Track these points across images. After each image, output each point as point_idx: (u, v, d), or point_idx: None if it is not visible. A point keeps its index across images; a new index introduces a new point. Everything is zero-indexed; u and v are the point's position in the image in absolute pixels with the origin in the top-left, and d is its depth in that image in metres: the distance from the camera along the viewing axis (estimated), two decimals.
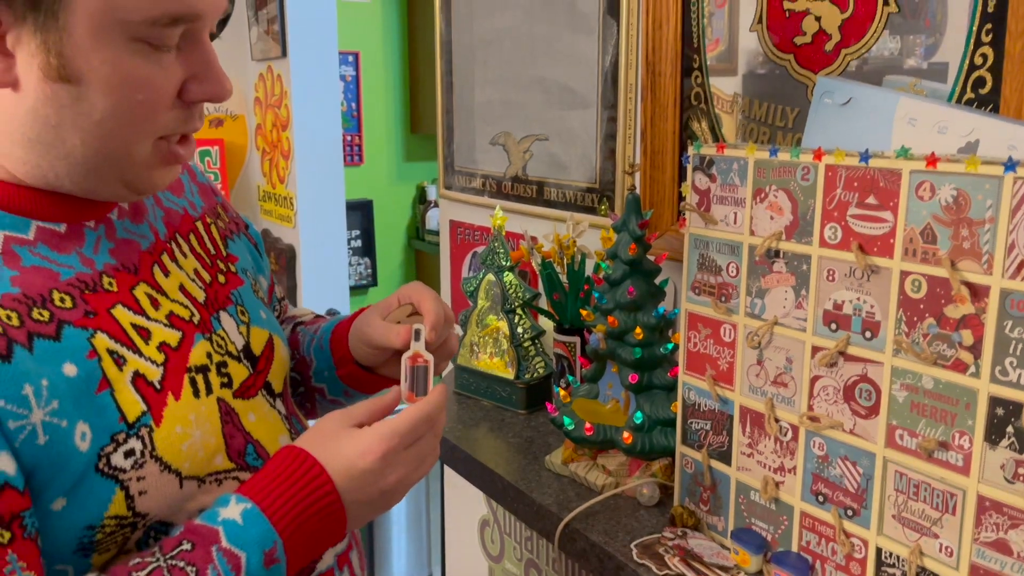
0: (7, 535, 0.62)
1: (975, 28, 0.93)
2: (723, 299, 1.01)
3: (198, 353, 0.79)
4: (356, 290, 4.11)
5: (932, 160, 0.79)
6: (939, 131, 0.88)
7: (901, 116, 0.91)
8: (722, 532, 1.05)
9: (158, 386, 0.74)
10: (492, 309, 1.52)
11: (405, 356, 0.86)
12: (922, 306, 0.81)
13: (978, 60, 0.94)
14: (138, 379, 0.73)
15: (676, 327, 1.26)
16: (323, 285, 2.98)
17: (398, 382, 0.93)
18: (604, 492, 1.18)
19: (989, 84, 0.93)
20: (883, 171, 0.83)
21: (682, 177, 1.31)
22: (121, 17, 0.65)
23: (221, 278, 0.89)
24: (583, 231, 1.47)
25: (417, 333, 0.86)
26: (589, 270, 1.48)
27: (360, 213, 4.09)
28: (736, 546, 0.98)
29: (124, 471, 0.70)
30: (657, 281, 1.20)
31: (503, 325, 1.51)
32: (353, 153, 4.10)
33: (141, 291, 0.78)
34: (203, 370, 0.79)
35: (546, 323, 1.57)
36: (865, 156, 0.84)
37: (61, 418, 0.67)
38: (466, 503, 1.97)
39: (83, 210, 0.76)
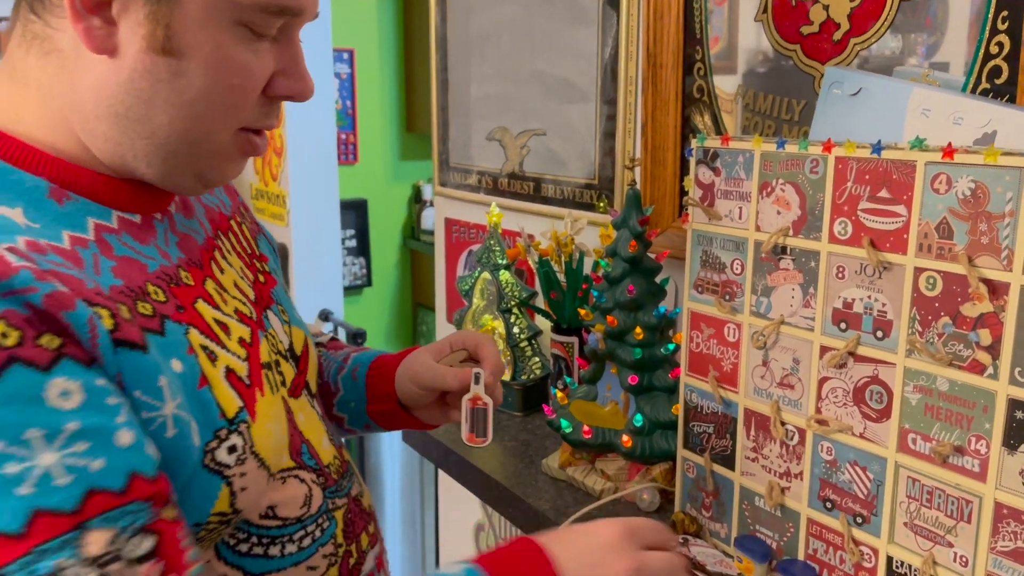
0: (174, 512, 0.62)
1: (991, 15, 0.90)
2: (727, 297, 0.98)
3: (264, 350, 0.78)
4: (350, 290, 4.06)
5: (949, 151, 0.75)
6: (954, 122, 0.84)
7: (914, 107, 0.88)
8: (725, 539, 1.02)
9: (247, 381, 0.73)
10: (488, 308, 1.48)
11: (465, 398, 0.90)
12: (937, 304, 0.78)
13: (993, 49, 0.90)
14: (230, 374, 0.72)
15: (677, 327, 1.22)
16: (316, 285, 2.94)
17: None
18: (603, 497, 1.14)
19: (1005, 73, 0.89)
20: (896, 163, 0.79)
21: (684, 172, 1.28)
22: None
23: (261, 277, 0.88)
24: (581, 228, 1.43)
25: (477, 376, 0.90)
26: (587, 268, 1.44)
27: (355, 212, 4.04)
28: (740, 554, 0.95)
29: (229, 467, 0.69)
30: (658, 279, 1.16)
31: (499, 325, 1.47)
32: (348, 152, 4.07)
33: (211, 286, 0.76)
34: (269, 367, 0.78)
35: (543, 323, 1.53)
36: (877, 148, 0.81)
37: (184, 412, 0.66)
38: (461, 508, 1.93)
39: (151, 201, 0.74)
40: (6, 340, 0.55)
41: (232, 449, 0.69)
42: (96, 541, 0.56)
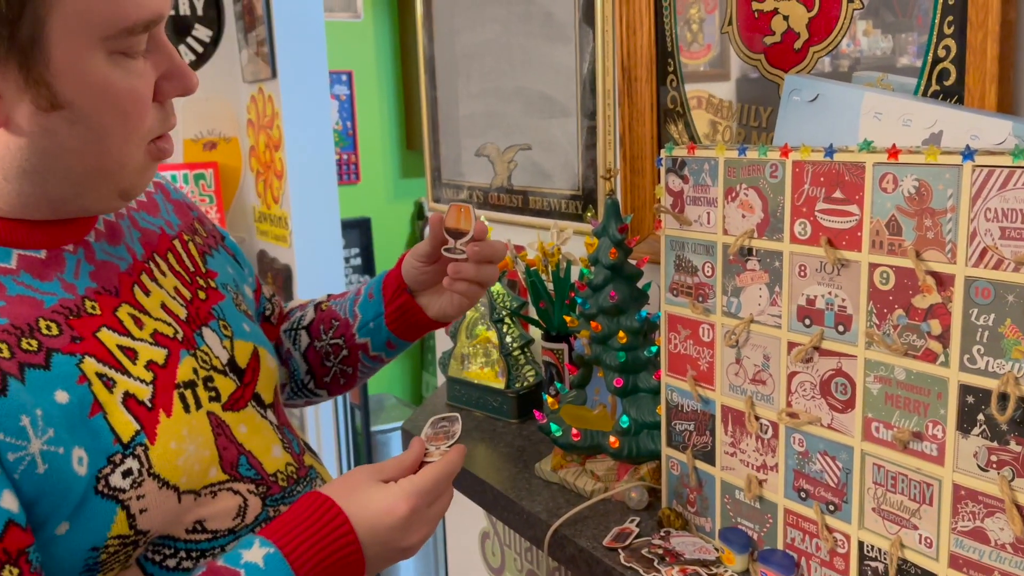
0: (16, 571, 0.64)
1: (937, 20, 0.94)
2: (700, 299, 1.02)
3: (184, 369, 0.81)
4: None
5: (893, 152, 0.79)
6: (904, 124, 0.88)
7: (867, 111, 0.92)
8: (710, 533, 1.05)
9: (149, 404, 0.76)
10: (481, 319, 1.53)
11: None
12: (891, 298, 0.82)
13: (941, 52, 0.94)
14: (129, 399, 0.74)
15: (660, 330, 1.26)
16: None
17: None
18: (593, 497, 1.18)
19: (953, 76, 0.93)
20: (848, 165, 0.83)
21: None
22: (100, 34, 0.66)
23: (201, 294, 0.91)
24: (567, 238, 1.48)
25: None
26: (575, 277, 1.48)
27: (359, 231, 4.10)
28: (723, 546, 0.98)
29: (123, 491, 0.71)
30: (640, 285, 1.20)
31: (492, 335, 1.51)
32: (350, 172, 4.13)
33: (124, 312, 0.79)
34: (191, 385, 0.80)
35: (535, 332, 1.57)
36: (830, 151, 0.85)
37: (58, 445, 0.67)
38: (466, 516, 1.97)
39: (62, 234, 0.77)
40: None
41: (127, 473, 0.72)
42: None
